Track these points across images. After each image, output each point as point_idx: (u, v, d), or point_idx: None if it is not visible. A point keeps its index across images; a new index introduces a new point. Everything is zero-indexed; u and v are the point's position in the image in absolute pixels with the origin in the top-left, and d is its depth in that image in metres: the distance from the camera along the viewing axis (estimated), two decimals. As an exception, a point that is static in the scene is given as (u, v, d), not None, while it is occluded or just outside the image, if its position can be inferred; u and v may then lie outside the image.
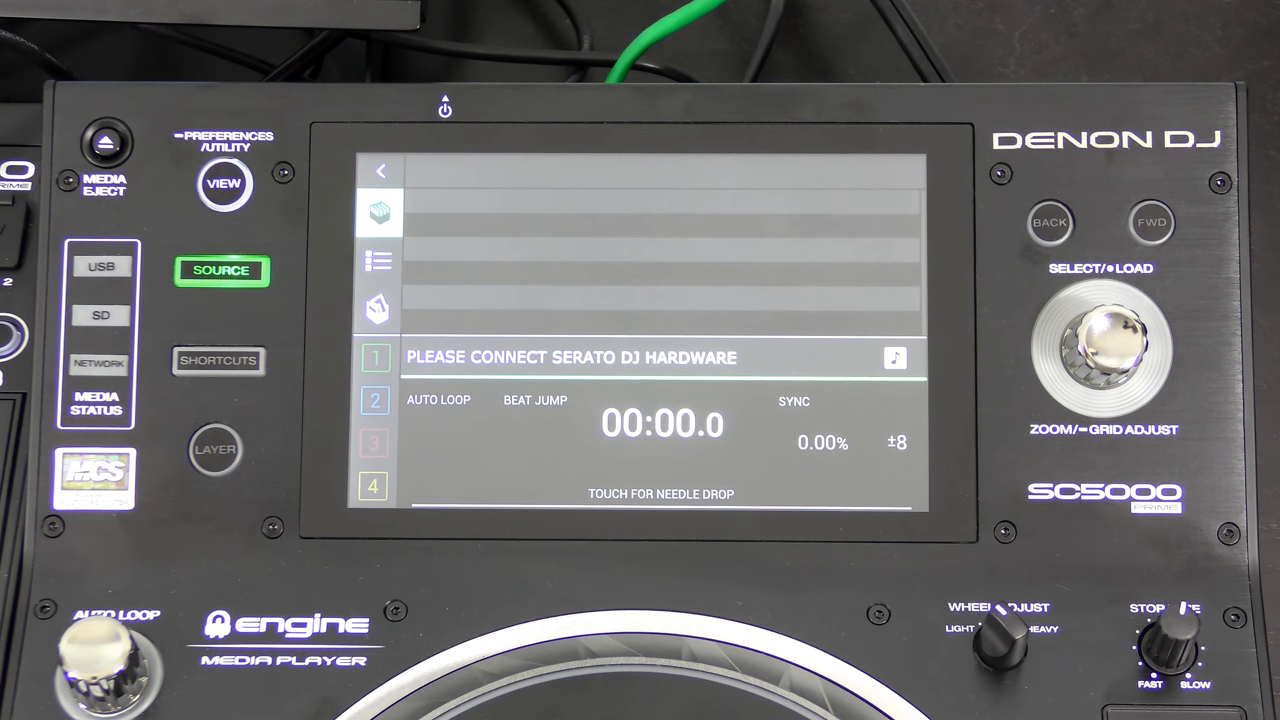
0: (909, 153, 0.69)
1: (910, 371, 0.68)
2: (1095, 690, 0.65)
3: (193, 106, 0.69)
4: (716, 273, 0.69)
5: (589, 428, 0.68)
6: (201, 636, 0.66)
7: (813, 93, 0.70)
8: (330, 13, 0.73)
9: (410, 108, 0.70)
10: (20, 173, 0.74)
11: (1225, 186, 0.68)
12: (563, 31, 0.89)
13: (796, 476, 0.68)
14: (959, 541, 0.67)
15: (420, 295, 0.69)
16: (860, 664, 0.65)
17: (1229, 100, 0.69)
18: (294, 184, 0.69)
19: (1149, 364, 0.68)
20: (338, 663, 0.66)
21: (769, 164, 0.69)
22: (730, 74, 0.87)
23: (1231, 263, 0.68)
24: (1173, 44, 0.87)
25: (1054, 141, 0.69)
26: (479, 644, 0.66)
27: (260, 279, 0.69)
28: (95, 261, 0.69)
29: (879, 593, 0.67)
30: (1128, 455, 0.67)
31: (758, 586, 0.67)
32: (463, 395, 0.68)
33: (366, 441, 0.68)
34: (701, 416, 0.68)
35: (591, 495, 0.68)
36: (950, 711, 0.65)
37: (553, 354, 0.68)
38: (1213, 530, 0.67)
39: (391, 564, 0.67)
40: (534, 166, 0.69)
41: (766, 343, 0.68)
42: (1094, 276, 0.68)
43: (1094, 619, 0.66)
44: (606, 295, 0.69)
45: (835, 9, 0.89)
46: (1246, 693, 0.65)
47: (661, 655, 0.65)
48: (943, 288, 0.68)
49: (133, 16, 0.73)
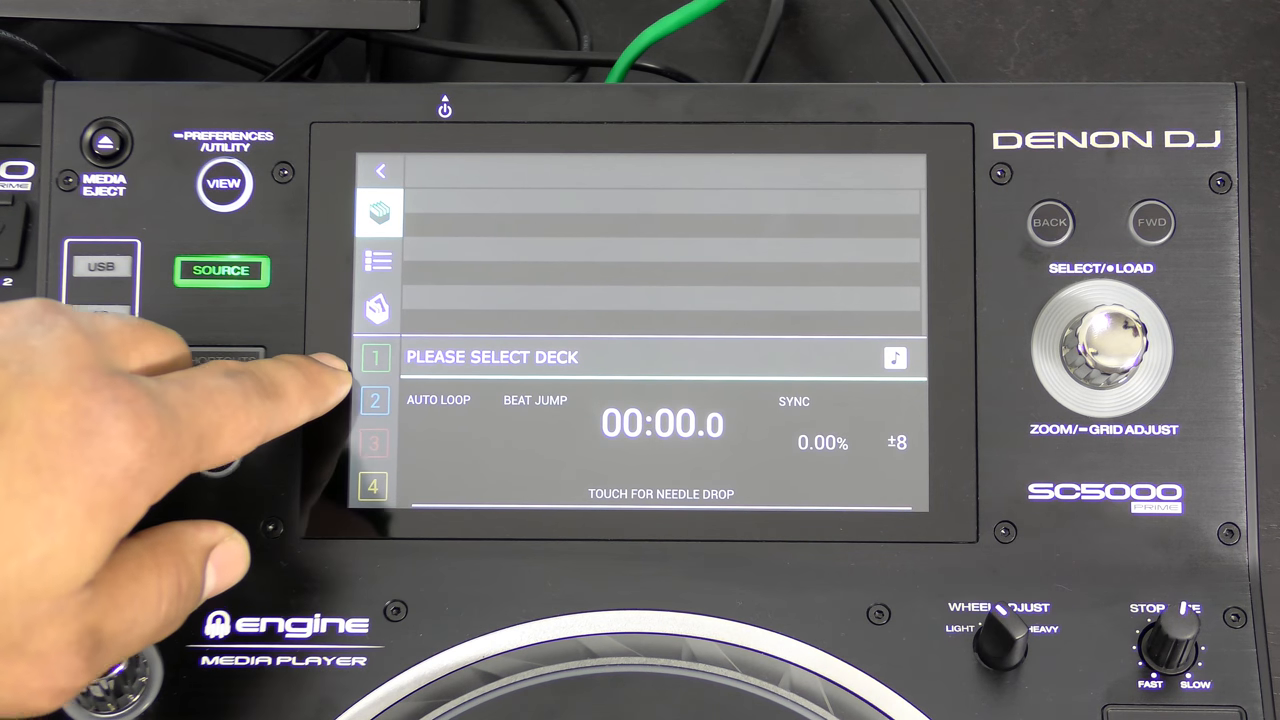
0: (909, 153, 0.69)
1: (910, 371, 0.68)
2: (1095, 690, 0.65)
3: (193, 106, 0.69)
4: (716, 273, 0.69)
5: (589, 428, 0.68)
6: (201, 636, 0.66)
7: (813, 93, 0.70)
8: (330, 13, 0.73)
9: (410, 108, 0.70)
10: (20, 173, 0.74)
11: (1225, 186, 0.68)
12: (563, 31, 0.89)
13: (796, 476, 0.68)
14: (959, 541, 0.67)
15: (420, 295, 0.69)
16: (860, 664, 0.65)
17: (1229, 100, 0.69)
18: (294, 184, 0.69)
19: (1149, 364, 0.68)
20: (338, 663, 0.66)
21: (769, 164, 0.69)
22: (730, 74, 0.87)
23: (1231, 263, 0.68)
24: (1173, 44, 0.87)
25: (1054, 141, 0.69)
26: (479, 644, 0.66)
27: (260, 279, 0.69)
28: (95, 261, 0.69)
29: (879, 593, 0.67)
30: (1128, 455, 0.67)
31: (758, 586, 0.67)
32: (463, 395, 0.68)
33: (366, 441, 0.68)
34: (701, 416, 0.68)
35: (591, 495, 0.68)
36: (950, 711, 0.65)
37: (553, 354, 0.68)
38: (1213, 530, 0.67)
39: (391, 564, 0.67)
40: (534, 166, 0.69)
41: (766, 343, 0.68)
42: (1094, 276, 0.68)
43: (1094, 619, 0.66)
44: (607, 295, 0.69)
45: (835, 9, 0.89)
46: (1246, 693, 0.65)
47: (661, 655, 0.65)
48: (943, 288, 0.68)
49: (133, 16, 0.73)
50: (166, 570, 0.58)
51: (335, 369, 0.66)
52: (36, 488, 0.52)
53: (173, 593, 0.58)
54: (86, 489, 0.53)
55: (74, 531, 0.52)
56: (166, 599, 0.57)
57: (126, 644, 0.56)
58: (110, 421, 0.53)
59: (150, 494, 0.55)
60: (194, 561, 0.59)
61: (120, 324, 0.59)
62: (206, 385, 0.58)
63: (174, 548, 0.59)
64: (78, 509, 0.52)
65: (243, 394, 0.59)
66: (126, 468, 0.54)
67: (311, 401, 0.64)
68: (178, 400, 0.56)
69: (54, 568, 0.52)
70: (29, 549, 0.52)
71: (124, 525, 0.54)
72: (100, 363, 0.55)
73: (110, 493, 0.53)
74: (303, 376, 0.64)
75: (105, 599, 0.55)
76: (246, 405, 0.59)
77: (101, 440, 0.53)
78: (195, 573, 0.59)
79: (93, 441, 0.53)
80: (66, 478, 0.52)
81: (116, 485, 0.53)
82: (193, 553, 0.59)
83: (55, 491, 0.52)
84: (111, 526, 0.54)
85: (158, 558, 0.58)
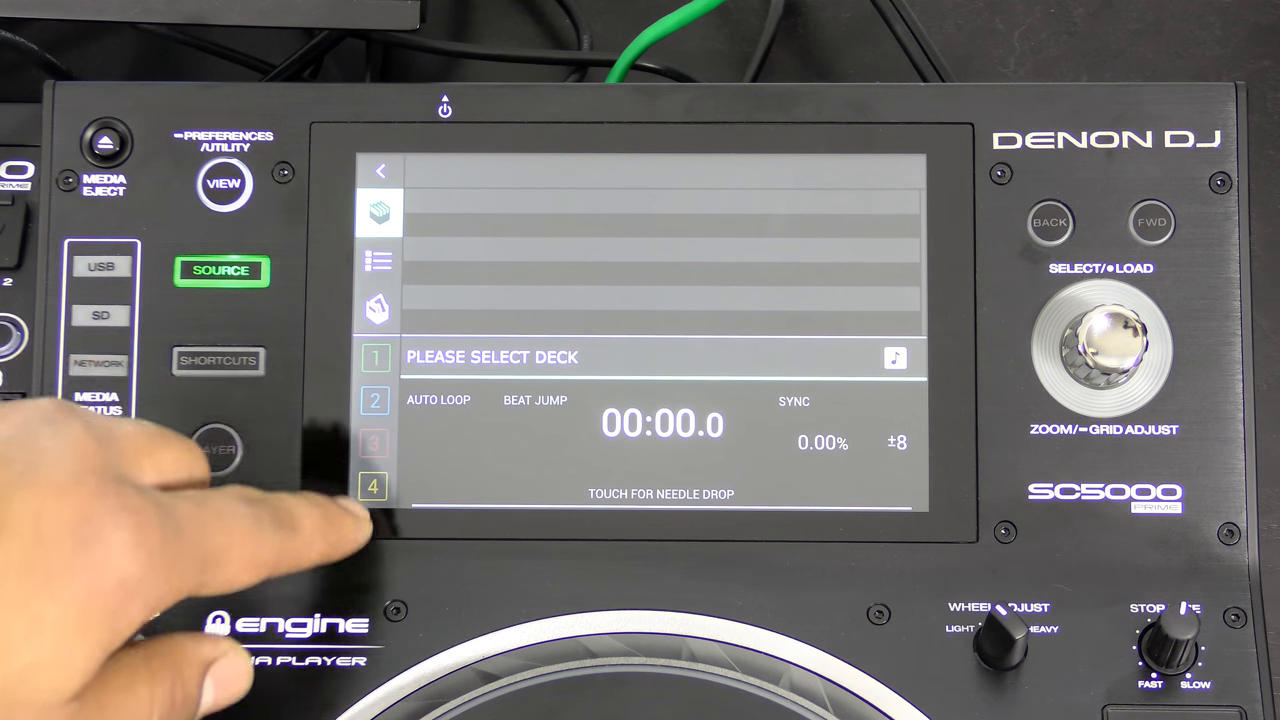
0: (909, 153, 0.69)
1: (910, 371, 0.68)
2: (1095, 690, 0.65)
3: (193, 106, 0.69)
4: (716, 273, 0.69)
5: (589, 428, 0.68)
6: (201, 637, 0.66)
7: (813, 93, 0.70)
8: (330, 13, 0.73)
9: (410, 108, 0.70)
10: (20, 173, 0.74)
11: (1225, 186, 0.68)
12: (563, 31, 0.89)
13: (796, 476, 0.68)
14: (959, 541, 0.67)
15: (420, 295, 0.69)
16: (860, 664, 0.65)
17: (1229, 100, 0.69)
18: (294, 184, 0.69)
19: (1149, 364, 0.68)
20: (338, 663, 0.66)
21: (769, 164, 0.69)
22: (730, 74, 0.87)
23: (1231, 263, 0.68)
24: (1173, 44, 0.87)
25: (1054, 141, 0.69)
26: (479, 644, 0.66)
27: (260, 279, 0.69)
28: (95, 261, 0.69)
29: (879, 593, 0.67)
30: (1128, 455, 0.67)
31: (758, 586, 0.67)
32: (462, 395, 0.68)
33: (366, 441, 0.68)
34: (701, 416, 0.68)
35: (591, 495, 0.68)
36: (950, 711, 0.65)
37: (552, 354, 0.68)
38: (1213, 530, 0.67)
39: (391, 564, 0.67)
40: (534, 166, 0.69)
41: (766, 343, 0.68)
42: (1094, 276, 0.68)
43: (1094, 619, 0.66)
44: (607, 295, 0.69)
45: (835, 9, 0.89)
46: (1246, 693, 0.65)
47: (661, 655, 0.65)
48: (943, 288, 0.68)
49: (132, 16, 0.73)
50: (160, 683, 0.55)
51: (356, 516, 0.64)
52: (28, 592, 0.50)
53: (164, 706, 0.55)
54: (80, 597, 0.51)
55: (63, 641, 0.51)
56: (158, 713, 0.55)
57: None
58: (111, 529, 0.52)
59: (146, 608, 0.53)
60: (190, 675, 0.57)
61: (136, 430, 0.57)
62: (219, 507, 0.56)
63: (171, 660, 0.56)
64: (69, 617, 0.51)
65: (256, 522, 0.57)
66: (124, 579, 0.52)
67: (327, 543, 0.62)
68: (186, 516, 0.54)
69: (39, 677, 0.50)
70: (14, 657, 0.50)
71: (116, 639, 0.52)
72: (109, 469, 0.53)
73: (104, 603, 0.51)
74: (321, 516, 0.62)
75: (93, 712, 0.52)
76: (258, 534, 0.57)
77: (101, 548, 0.51)
78: (191, 688, 0.57)
79: (91, 548, 0.51)
80: (60, 583, 0.50)
81: (111, 595, 0.51)
82: (190, 665, 0.57)
83: (46, 597, 0.50)
84: (102, 640, 0.52)
85: (153, 669, 0.55)
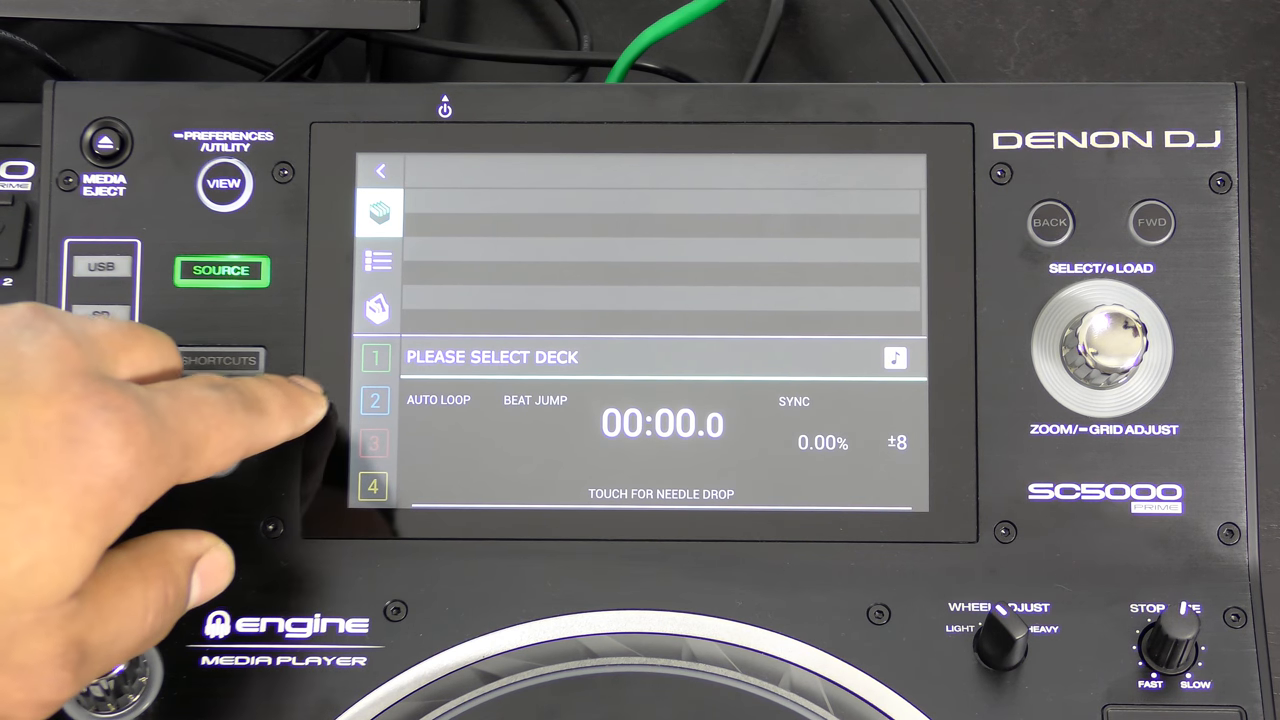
0: (909, 153, 0.69)
1: (910, 371, 0.68)
2: (1095, 690, 0.65)
3: (193, 106, 0.69)
4: (716, 273, 0.69)
5: (589, 428, 0.68)
6: (201, 636, 0.66)
7: (813, 93, 0.70)
8: (330, 13, 0.73)
9: (410, 108, 0.70)
10: (20, 173, 0.74)
11: (1225, 186, 0.68)
12: (563, 31, 0.89)
13: (796, 476, 0.68)
14: (959, 541, 0.67)
15: (420, 295, 0.69)
16: (860, 664, 0.65)
17: (1229, 100, 0.69)
18: (294, 184, 0.69)
19: (1149, 364, 0.68)
20: (338, 663, 0.66)
21: (769, 164, 0.69)
22: (730, 74, 0.87)
23: (1231, 263, 0.68)
24: (1173, 44, 0.87)
25: (1054, 141, 0.69)
26: (479, 644, 0.66)
27: (260, 279, 0.69)
28: (95, 261, 0.69)
29: (879, 593, 0.67)
30: (1128, 455, 0.67)
31: (758, 586, 0.67)
32: (462, 395, 0.68)
33: (366, 441, 0.68)
34: (701, 416, 0.68)
35: (591, 495, 0.68)
36: (950, 711, 0.65)
37: (553, 354, 0.68)
38: (1213, 530, 0.67)
39: (391, 564, 0.67)
40: (534, 166, 0.69)
41: (766, 343, 0.68)
42: (1094, 276, 0.68)
43: (1094, 619, 0.66)
44: (607, 295, 0.69)
45: (835, 9, 0.89)
46: (1246, 693, 0.65)
47: (661, 655, 0.65)
48: (943, 288, 0.68)
49: (132, 16, 0.73)
50: (153, 581, 0.57)
51: (313, 392, 0.66)
52: (22, 497, 0.51)
53: (159, 604, 0.57)
54: (73, 498, 0.52)
55: (60, 541, 0.52)
56: (153, 610, 0.57)
57: (111, 656, 0.56)
58: (99, 429, 0.53)
59: (138, 502, 0.54)
60: (180, 572, 0.59)
61: (111, 328, 0.58)
62: (193, 395, 0.58)
63: (160, 558, 0.58)
64: (64, 518, 0.52)
65: (227, 406, 0.59)
66: (115, 476, 0.53)
67: (291, 420, 0.64)
68: (166, 409, 0.56)
69: (38, 578, 0.52)
70: (13, 559, 0.51)
71: (111, 535, 0.54)
72: (90, 369, 0.55)
73: (97, 501, 0.53)
74: (283, 395, 0.64)
75: (91, 610, 0.54)
76: (231, 417, 0.59)
77: (89, 448, 0.53)
78: (181, 583, 0.59)
79: (80, 449, 0.52)
80: (53, 486, 0.52)
81: (104, 494, 0.53)
82: (179, 563, 0.59)
83: (41, 501, 0.52)
84: (98, 536, 0.53)
85: (144, 569, 0.57)
